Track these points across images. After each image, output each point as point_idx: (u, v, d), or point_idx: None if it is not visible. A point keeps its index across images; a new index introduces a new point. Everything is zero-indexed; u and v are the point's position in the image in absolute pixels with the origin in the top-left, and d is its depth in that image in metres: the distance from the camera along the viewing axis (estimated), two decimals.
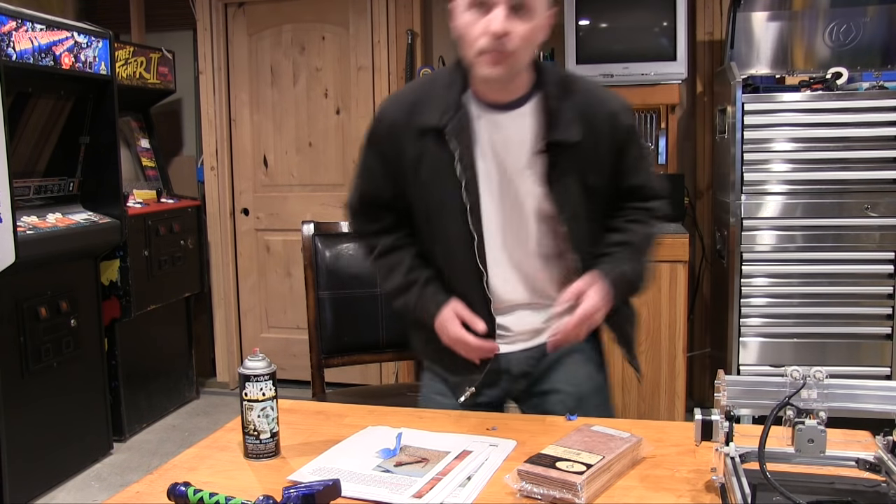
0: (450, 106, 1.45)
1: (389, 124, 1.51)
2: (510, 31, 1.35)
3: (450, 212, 1.48)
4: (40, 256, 2.86)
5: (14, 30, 2.71)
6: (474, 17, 1.38)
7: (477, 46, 1.38)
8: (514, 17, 1.35)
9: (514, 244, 1.52)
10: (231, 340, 4.29)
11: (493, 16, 1.34)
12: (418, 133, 1.47)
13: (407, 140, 1.48)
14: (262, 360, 1.35)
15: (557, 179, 1.46)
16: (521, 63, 1.42)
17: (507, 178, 1.48)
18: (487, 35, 1.35)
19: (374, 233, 1.60)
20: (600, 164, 1.50)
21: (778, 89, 3.03)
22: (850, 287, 2.99)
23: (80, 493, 2.99)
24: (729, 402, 1.16)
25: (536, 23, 1.38)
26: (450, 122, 1.44)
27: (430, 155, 1.47)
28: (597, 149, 1.48)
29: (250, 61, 4.14)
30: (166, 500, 1.16)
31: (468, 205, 1.46)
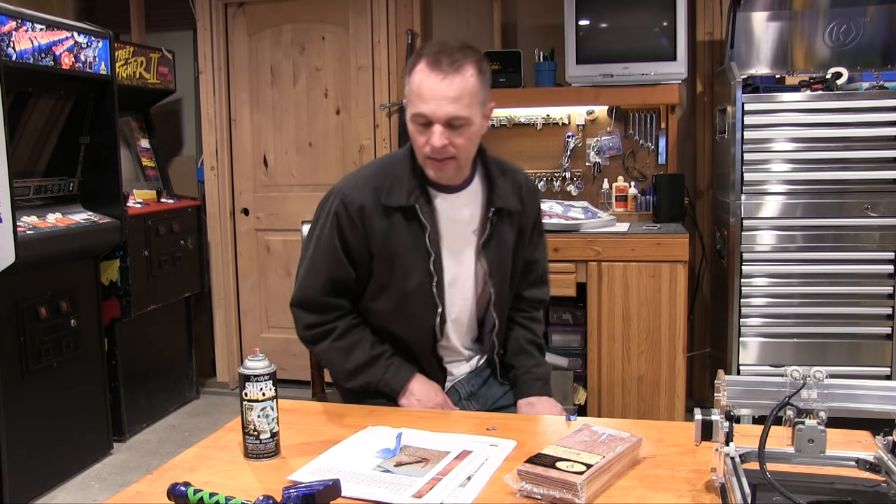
0: (414, 187, 1.63)
1: (358, 207, 1.63)
2: (448, 143, 1.55)
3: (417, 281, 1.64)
4: (40, 256, 2.86)
5: (14, 30, 2.71)
6: (419, 130, 1.57)
7: (422, 153, 1.59)
8: (451, 131, 1.54)
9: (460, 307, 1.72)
10: (231, 340, 4.29)
11: (432, 131, 1.53)
12: (385, 212, 1.63)
13: (375, 219, 1.63)
14: (262, 360, 1.35)
15: (495, 246, 1.69)
16: (464, 163, 1.64)
17: (459, 247, 1.68)
18: (429, 146, 1.55)
19: (331, 320, 1.69)
20: (525, 234, 1.76)
21: (778, 89, 3.03)
22: (850, 287, 2.99)
23: (80, 493, 2.99)
24: (729, 402, 1.16)
25: (474, 129, 1.59)
26: (417, 202, 1.62)
27: (399, 230, 1.63)
28: (527, 220, 1.76)
29: (250, 61, 4.14)
30: (166, 500, 1.16)
31: (435, 277, 1.64)
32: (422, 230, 1.63)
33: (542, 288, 1.88)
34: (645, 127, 3.61)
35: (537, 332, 1.85)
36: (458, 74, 1.53)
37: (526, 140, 3.74)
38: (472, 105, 1.55)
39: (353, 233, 1.64)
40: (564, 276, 3.11)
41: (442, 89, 1.52)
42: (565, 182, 3.69)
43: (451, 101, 1.52)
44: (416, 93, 1.55)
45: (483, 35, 3.83)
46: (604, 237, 3.11)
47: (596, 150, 3.65)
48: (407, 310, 1.67)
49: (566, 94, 3.51)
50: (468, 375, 1.80)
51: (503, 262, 1.71)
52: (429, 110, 1.53)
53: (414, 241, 1.63)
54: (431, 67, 1.53)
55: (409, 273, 1.64)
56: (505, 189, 1.71)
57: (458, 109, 1.53)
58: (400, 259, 1.64)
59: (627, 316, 3.08)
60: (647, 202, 3.56)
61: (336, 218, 1.65)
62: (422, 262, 1.64)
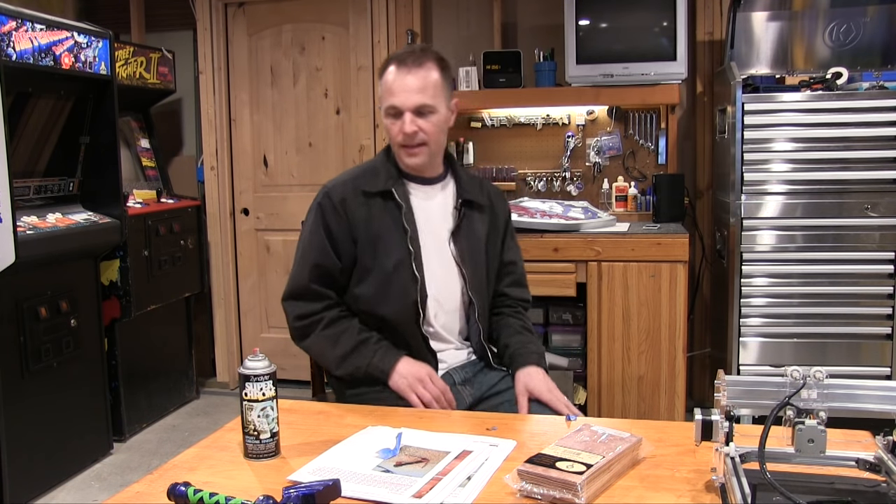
0: (391, 175, 1.83)
1: (339, 198, 1.79)
2: (418, 129, 1.75)
3: (397, 258, 1.77)
4: (40, 256, 2.86)
5: (14, 30, 2.71)
6: (392, 121, 1.78)
7: (397, 142, 1.79)
8: (420, 118, 1.75)
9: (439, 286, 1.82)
10: (231, 340, 4.29)
11: (403, 119, 1.75)
12: (365, 197, 1.79)
13: (356, 206, 1.79)
14: (262, 360, 1.35)
15: (465, 235, 1.85)
16: (436, 148, 1.81)
17: (434, 233, 1.83)
18: (402, 134, 1.76)
19: (318, 311, 1.79)
20: (496, 234, 1.93)
21: (778, 89, 3.03)
22: (850, 287, 2.99)
23: (80, 493, 2.99)
24: (729, 402, 1.16)
25: (440, 116, 1.78)
26: (394, 186, 1.80)
27: (378, 213, 1.79)
28: (496, 220, 1.93)
29: (250, 61, 4.14)
30: (166, 500, 1.16)
31: (413, 251, 1.77)
32: (398, 209, 1.79)
33: (524, 289, 2.01)
34: (645, 127, 3.61)
35: (528, 322, 1.96)
36: (421, 69, 1.75)
37: (526, 140, 3.74)
38: (436, 96, 1.76)
39: (338, 222, 1.78)
40: (564, 276, 3.11)
41: (409, 82, 1.75)
42: (565, 182, 3.69)
43: (417, 91, 1.74)
44: (387, 90, 1.78)
45: (483, 35, 3.83)
46: (604, 237, 3.11)
47: (596, 150, 3.65)
48: (390, 289, 1.78)
49: (566, 94, 3.51)
50: (462, 364, 1.86)
51: (475, 251, 1.86)
52: (398, 101, 1.75)
53: (393, 221, 1.79)
54: (398, 66, 1.77)
55: (389, 252, 1.77)
56: (472, 186, 1.91)
57: (423, 98, 1.75)
58: (381, 241, 1.78)
59: (627, 316, 3.08)
60: (647, 202, 3.56)
61: (321, 210, 1.80)
62: (400, 239, 1.78)
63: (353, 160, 4.03)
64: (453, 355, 1.86)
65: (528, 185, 3.74)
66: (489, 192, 1.96)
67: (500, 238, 1.95)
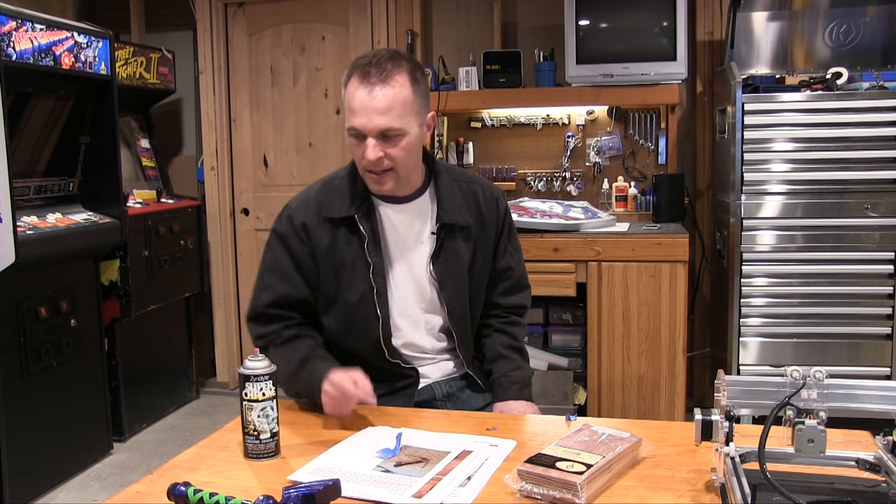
0: (356, 197, 1.64)
1: (301, 223, 1.64)
2: (383, 155, 1.54)
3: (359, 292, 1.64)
4: (40, 256, 2.86)
5: (14, 30, 2.71)
6: (355, 143, 1.56)
7: (361, 165, 1.59)
8: (385, 143, 1.53)
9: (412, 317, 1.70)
10: (231, 340, 4.29)
11: (366, 144, 1.53)
12: (330, 225, 1.64)
13: (319, 233, 1.64)
14: (262, 360, 1.35)
15: (445, 261, 1.67)
16: (403, 174, 1.61)
17: (407, 258, 1.67)
18: (365, 160, 1.55)
19: (276, 330, 1.66)
20: (487, 245, 1.75)
21: (778, 89, 3.03)
22: (850, 287, 2.98)
23: (80, 493, 2.99)
24: (729, 402, 1.16)
25: (410, 139, 1.56)
26: (358, 211, 1.63)
27: (343, 240, 1.64)
28: (485, 230, 1.73)
29: (250, 61, 4.14)
30: (166, 500, 1.16)
31: (376, 287, 1.63)
32: (360, 241, 1.63)
33: (520, 294, 1.85)
34: (645, 127, 3.61)
35: (517, 335, 1.82)
36: (386, 86, 1.51)
37: (526, 140, 3.74)
38: (403, 115, 1.53)
39: (301, 249, 1.65)
40: (564, 276, 3.12)
41: (371, 102, 1.51)
42: (565, 182, 3.69)
43: (381, 112, 1.51)
44: (348, 107, 1.55)
45: (483, 35, 3.83)
46: (604, 237, 3.11)
47: (596, 150, 3.65)
48: (353, 324, 1.66)
49: (566, 94, 3.51)
50: (447, 378, 1.76)
51: (457, 276, 1.69)
52: (360, 124, 1.53)
53: (355, 251, 1.64)
54: (360, 80, 1.52)
55: (352, 284, 1.64)
56: (454, 202, 1.69)
57: (388, 121, 1.52)
58: (344, 271, 1.64)
59: (627, 316, 3.08)
60: (647, 202, 3.56)
61: (284, 237, 1.67)
62: (363, 273, 1.63)
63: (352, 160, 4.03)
64: (437, 368, 1.75)
65: (528, 185, 3.74)
66: (479, 200, 1.73)
67: (492, 249, 1.77)
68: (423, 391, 1.73)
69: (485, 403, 1.76)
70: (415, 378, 1.72)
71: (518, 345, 1.81)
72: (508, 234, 1.81)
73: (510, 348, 1.79)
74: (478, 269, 1.74)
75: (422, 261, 1.68)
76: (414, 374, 1.72)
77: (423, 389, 1.73)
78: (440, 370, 1.76)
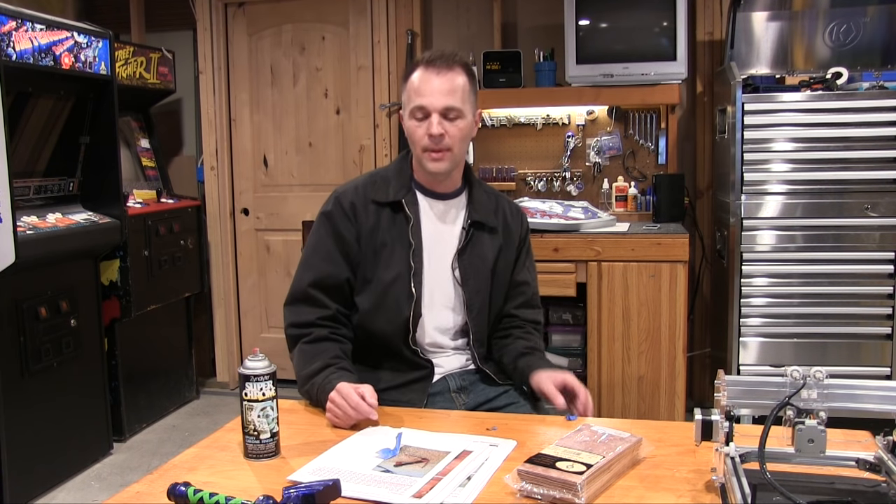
0: (402, 186, 1.78)
1: (349, 203, 1.75)
2: (445, 132, 1.68)
3: (396, 271, 1.73)
4: (40, 256, 2.86)
5: (14, 30, 2.71)
6: (417, 123, 1.71)
7: (421, 145, 1.71)
8: (446, 121, 1.69)
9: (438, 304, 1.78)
10: (231, 340, 4.29)
11: (431, 121, 1.68)
12: (375, 207, 1.75)
13: (365, 214, 1.75)
14: (262, 360, 1.35)
15: (470, 257, 1.78)
16: (459, 157, 1.75)
17: (439, 251, 1.78)
18: (427, 137, 1.69)
19: (311, 322, 1.72)
20: (509, 254, 1.86)
21: (778, 89, 3.03)
22: (850, 287, 2.98)
23: (80, 493, 2.99)
24: (729, 402, 1.16)
25: (466, 123, 1.72)
26: (404, 197, 1.76)
27: (386, 223, 1.75)
28: (510, 239, 1.86)
29: (250, 61, 4.14)
30: (166, 500, 1.16)
31: (414, 266, 1.73)
32: (406, 222, 1.74)
33: (535, 310, 1.92)
34: (645, 127, 3.61)
35: (538, 343, 1.87)
36: (451, 71, 1.69)
37: (526, 140, 3.74)
38: (464, 100, 1.71)
39: (347, 228, 1.74)
40: (564, 276, 3.11)
41: (438, 83, 1.68)
42: (565, 182, 3.69)
43: (446, 93, 1.68)
44: (414, 90, 1.70)
45: (483, 35, 3.83)
46: (604, 237, 3.11)
47: (596, 150, 3.65)
48: (385, 302, 1.73)
49: (566, 94, 3.51)
50: (461, 371, 1.81)
51: (480, 274, 1.79)
52: (426, 102, 1.68)
53: (398, 232, 1.74)
54: (427, 67, 1.70)
55: (390, 263, 1.73)
56: (485, 206, 1.83)
57: (452, 101, 1.68)
58: (385, 250, 1.74)
59: (627, 316, 3.08)
60: (647, 202, 3.56)
61: (331, 216, 1.76)
62: (403, 252, 1.73)
63: (352, 160, 4.04)
64: (451, 360, 1.81)
65: (528, 185, 3.74)
66: (506, 211, 1.88)
67: (513, 258, 1.87)
68: (437, 384, 1.77)
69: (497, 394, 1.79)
70: (429, 370, 1.76)
71: (540, 347, 1.86)
72: (528, 251, 1.94)
73: (532, 349, 1.83)
74: (499, 272, 1.84)
75: (449, 255, 1.78)
76: (429, 367, 1.76)
77: (437, 382, 1.77)
78: (455, 363, 1.81)
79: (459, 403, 1.77)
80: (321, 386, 1.58)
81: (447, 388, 1.78)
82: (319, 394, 1.58)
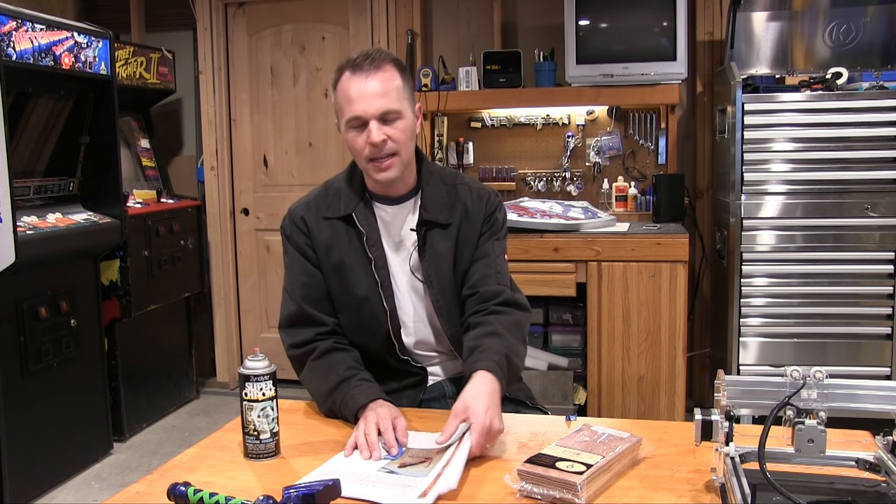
0: (353, 197, 1.69)
1: (300, 218, 1.70)
2: (387, 137, 1.58)
3: (365, 287, 1.67)
4: (40, 256, 2.86)
5: (14, 30, 2.71)
6: (356, 134, 1.60)
7: (364, 156, 1.61)
8: (386, 126, 1.59)
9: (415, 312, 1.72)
10: (231, 340, 4.29)
11: (370, 129, 1.57)
12: (328, 223, 1.69)
13: (318, 229, 1.69)
14: (263, 360, 1.35)
15: (429, 258, 1.69)
16: (407, 158, 1.65)
17: (402, 257, 1.71)
18: (369, 146, 1.58)
19: (311, 339, 1.66)
20: (470, 240, 1.73)
21: (778, 89, 3.03)
22: (850, 287, 2.98)
23: (80, 493, 2.99)
24: (729, 402, 1.16)
25: (407, 122, 1.62)
26: (355, 209, 1.68)
27: (341, 239, 1.68)
28: (471, 230, 1.73)
29: (250, 61, 4.14)
30: (166, 500, 1.16)
31: (380, 280, 1.66)
32: (359, 237, 1.68)
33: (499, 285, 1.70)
34: (645, 127, 3.61)
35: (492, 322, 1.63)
36: (379, 72, 1.59)
37: (526, 140, 3.74)
38: (400, 99, 1.60)
39: (305, 242, 1.70)
40: (564, 276, 3.11)
41: (369, 87, 1.58)
42: (565, 182, 3.69)
43: (379, 96, 1.57)
44: (345, 99, 1.60)
45: (483, 35, 3.83)
46: (604, 237, 3.11)
47: (596, 150, 3.65)
48: (361, 319, 1.69)
49: (566, 94, 3.51)
50: (457, 376, 1.75)
51: (441, 274, 1.70)
52: (360, 110, 1.58)
53: (356, 248, 1.68)
54: (354, 72, 1.60)
55: (357, 280, 1.68)
56: (437, 201, 1.71)
57: (387, 103, 1.58)
58: (346, 269, 1.68)
59: (627, 316, 3.08)
60: (647, 202, 3.56)
61: (289, 235, 1.72)
62: (365, 267, 1.67)
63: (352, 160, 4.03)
64: (445, 367, 1.77)
65: (528, 185, 3.74)
66: (466, 200, 1.73)
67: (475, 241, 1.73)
68: (432, 389, 1.75)
69: None
70: (422, 377, 1.73)
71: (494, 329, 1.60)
72: (492, 229, 1.75)
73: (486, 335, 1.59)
74: (460, 266, 1.72)
75: (412, 258, 1.71)
76: (422, 373, 1.73)
77: (432, 387, 1.75)
78: (448, 369, 1.78)
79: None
80: (343, 401, 1.54)
81: (443, 394, 1.74)
82: (342, 409, 1.54)
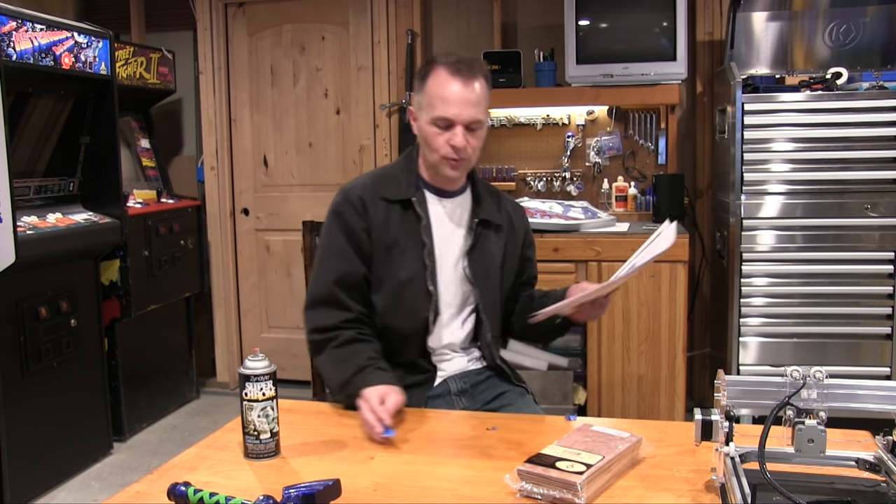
0: (411, 184, 1.76)
1: (358, 197, 1.73)
2: (467, 143, 1.67)
3: (411, 271, 1.71)
4: (40, 256, 2.86)
5: (14, 30, 2.71)
6: (438, 131, 1.67)
7: (441, 153, 1.68)
8: (469, 133, 1.67)
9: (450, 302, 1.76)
10: (231, 340, 4.29)
11: (455, 132, 1.66)
12: (385, 204, 1.73)
13: (375, 209, 1.72)
14: (263, 360, 1.35)
15: (479, 254, 1.78)
16: (473, 163, 1.76)
17: (449, 249, 1.76)
18: (449, 147, 1.67)
19: (335, 325, 1.68)
20: (515, 249, 1.87)
21: (778, 89, 3.03)
22: (850, 287, 2.99)
23: (80, 493, 2.99)
24: (729, 402, 1.16)
25: (484, 132, 1.73)
26: (414, 195, 1.74)
27: (397, 220, 1.72)
28: (515, 237, 1.87)
29: (250, 61, 4.14)
30: (166, 500, 1.16)
31: (429, 267, 1.71)
32: (417, 221, 1.72)
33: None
34: (645, 127, 3.61)
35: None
36: (476, 80, 1.67)
37: (526, 140, 3.74)
38: (485, 111, 1.71)
39: (357, 222, 1.70)
40: (564, 276, 3.11)
41: (465, 94, 1.65)
42: (565, 182, 3.69)
43: (473, 105, 1.66)
44: (438, 97, 1.66)
45: (483, 35, 3.83)
46: (604, 237, 3.11)
47: (596, 150, 3.65)
48: (401, 301, 1.71)
49: (566, 94, 3.51)
50: (462, 373, 1.80)
51: (489, 271, 1.79)
52: (453, 113, 1.65)
53: (410, 231, 1.72)
54: (452, 73, 1.65)
55: (404, 263, 1.71)
56: (490, 205, 1.83)
57: (478, 113, 1.68)
58: (397, 250, 1.71)
59: (627, 316, 3.08)
60: (647, 202, 3.56)
61: (340, 213, 1.73)
62: (416, 252, 1.71)
63: (353, 160, 4.04)
64: (454, 364, 1.80)
65: (528, 185, 3.74)
66: (508, 208, 1.88)
67: (519, 254, 1.88)
68: (437, 386, 1.76)
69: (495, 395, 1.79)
70: (431, 374, 1.75)
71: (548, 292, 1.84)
72: (530, 246, 1.94)
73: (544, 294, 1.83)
74: (507, 270, 1.84)
75: (457, 254, 1.77)
76: (431, 370, 1.75)
77: (438, 385, 1.76)
78: (458, 365, 1.80)
79: (459, 407, 1.76)
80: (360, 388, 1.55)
81: (448, 391, 1.77)
82: (353, 396, 1.56)
